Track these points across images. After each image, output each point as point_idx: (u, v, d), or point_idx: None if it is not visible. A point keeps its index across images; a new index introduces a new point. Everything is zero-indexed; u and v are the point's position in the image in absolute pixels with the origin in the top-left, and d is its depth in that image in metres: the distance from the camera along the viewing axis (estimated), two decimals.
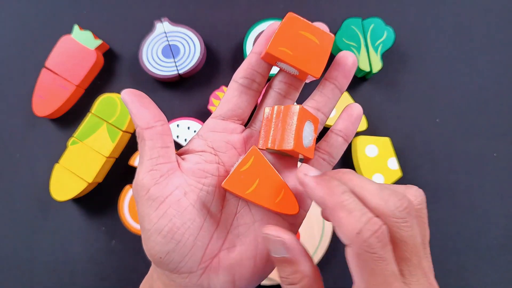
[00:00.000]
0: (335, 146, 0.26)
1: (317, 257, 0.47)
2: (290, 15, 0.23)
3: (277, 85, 0.26)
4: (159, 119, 0.24)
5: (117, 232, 0.49)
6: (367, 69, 0.47)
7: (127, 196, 0.46)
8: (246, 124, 0.27)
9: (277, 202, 0.24)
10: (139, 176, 0.24)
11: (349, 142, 0.27)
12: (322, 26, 0.24)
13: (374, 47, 0.47)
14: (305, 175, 0.22)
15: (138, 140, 0.24)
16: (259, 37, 0.25)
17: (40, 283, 0.48)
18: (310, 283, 0.21)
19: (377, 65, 0.47)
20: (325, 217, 0.22)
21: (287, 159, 0.26)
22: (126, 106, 0.24)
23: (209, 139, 0.26)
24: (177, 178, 0.24)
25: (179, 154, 0.26)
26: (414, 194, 0.22)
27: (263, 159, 0.25)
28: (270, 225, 0.23)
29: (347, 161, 0.50)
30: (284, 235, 0.21)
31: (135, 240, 0.49)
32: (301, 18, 0.23)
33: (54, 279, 0.48)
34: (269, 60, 0.25)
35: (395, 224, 0.20)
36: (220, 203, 0.26)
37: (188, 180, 0.24)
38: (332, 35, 0.24)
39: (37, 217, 0.49)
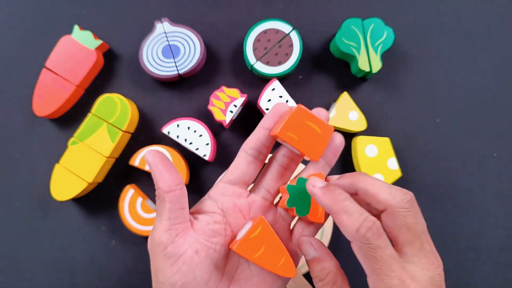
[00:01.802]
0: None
1: None
2: (300, 107, 0.28)
3: (280, 159, 0.31)
4: (179, 182, 0.28)
5: (117, 232, 0.49)
6: (367, 69, 0.47)
7: (127, 196, 0.46)
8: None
9: (279, 266, 0.29)
10: (157, 234, 0.27)
11: (331, 168, 0.31)
12: (322, 113, 0.29)
13: (374, 47, 0.47)
14: (313, 186, 0.27)
15: (158, 200, 0.28)
16: (267, 114, 0.29)
17: (40, 283, 0.48)
18: (335, 277, 0.27)
19: (377, 65, 0.47)
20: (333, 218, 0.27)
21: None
22: (149, 167, 0.28)
23: (219, 202, 0.30)
24: (190, 237, 0.28)
25: (192, 213, 0.30)
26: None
27: (269, 228, 0.29)
28: (304, 235, 0.29)
29: (347, 161, 0.50)
30: (313, 240, 0.28)
31: (135, 240, 0.49)
32: (308, 111, 0.28)
33: (54, 279, 0.48)
34: (276, 138, 0.29)
35: (401, 213, 0.25)
36: (225, 259, 0.29)
37: (199, 239, 0.28)
38: (332, 127, 0.28)
39: (37, 217, 0.49)
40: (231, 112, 0.47)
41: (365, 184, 0.26)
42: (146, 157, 0.28)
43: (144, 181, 0.49)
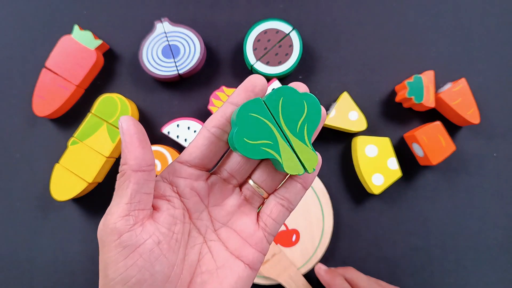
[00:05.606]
0: (294, 192, 0.27)
1: (317, 257, 0.47)
2: None
3: None
4: (151, 163, 0.24)
5: None
6: (301, 171, 0.25)
7: None
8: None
9: None
10: (112, 219, 0.23)
11: (307, 189, 0.27)
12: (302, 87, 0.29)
13: (297, 133, 0.25)
14: (320, 268, 0.46)
15: (120, 179, 0.24)
16: (238, 87, 0.25)
17: (40, 283, 0.48)
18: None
19: (312, 160, 0.25)
20: None
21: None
22: (122, 136, 0.23)
23: (174, 184, 0.26)
24: (151, 225, 0.23)
25: None
26: None
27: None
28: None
29: (347, 161, 0.50)
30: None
31: None
32: None
33: (54, 279, 0.48)
34: None
35: None
36: (184, 250, 0.25)
37: (161, 229, 0.24)
38: None
39: (37, 217, 0.49)
40: None
41: (352, 275, 0.44)
42: (121, 123, 0.23)
43: None
